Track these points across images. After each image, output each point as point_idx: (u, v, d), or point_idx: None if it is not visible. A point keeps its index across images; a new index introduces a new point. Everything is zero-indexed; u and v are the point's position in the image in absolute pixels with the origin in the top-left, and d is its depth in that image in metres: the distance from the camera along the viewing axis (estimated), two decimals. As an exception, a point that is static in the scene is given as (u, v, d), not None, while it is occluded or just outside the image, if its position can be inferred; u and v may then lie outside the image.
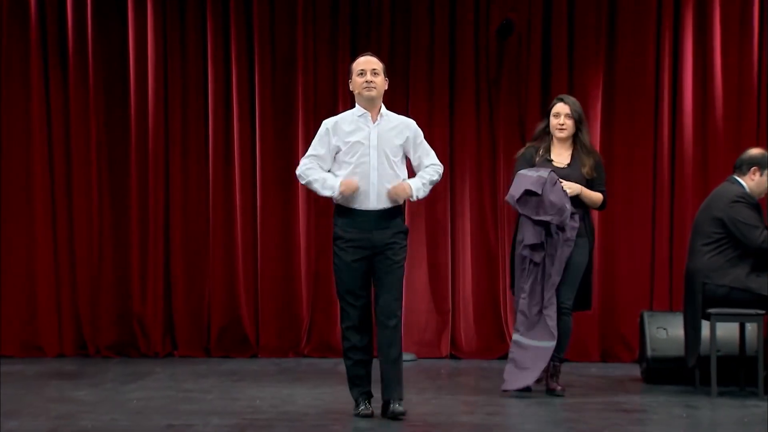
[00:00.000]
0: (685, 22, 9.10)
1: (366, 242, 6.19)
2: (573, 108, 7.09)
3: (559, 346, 6.98)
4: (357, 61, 6.34)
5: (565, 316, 6.98)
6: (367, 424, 6.05)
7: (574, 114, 7.07)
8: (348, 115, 6.33)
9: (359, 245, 6.19)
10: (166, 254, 9.38)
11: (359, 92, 6.28)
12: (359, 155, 6.21)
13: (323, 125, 6.31)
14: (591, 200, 7.08)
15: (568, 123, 7.08)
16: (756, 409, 6.69)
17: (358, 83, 6.27)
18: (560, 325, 6.94)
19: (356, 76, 6.28)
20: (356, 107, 6.33)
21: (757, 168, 7.25)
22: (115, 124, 9.40)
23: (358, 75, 6.27)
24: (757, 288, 7.07)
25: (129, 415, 6.35)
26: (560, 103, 7.13)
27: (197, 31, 9.38)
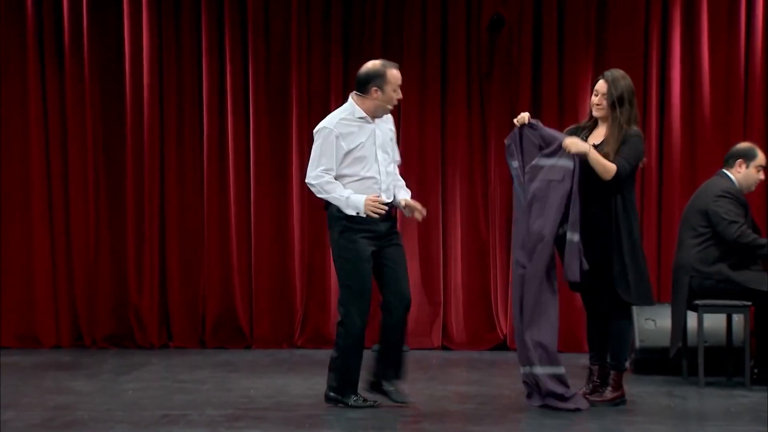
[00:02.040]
0: (673, 16, 9.15)
1: (374, 234, 6.26)
2: (612, 85, 6.43)
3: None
4: (396, 75, 6.29)
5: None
6: (360, 414, 6.11)
7: (612, 93, 6.40)
8: (347, 116, 6.29)
9: (370, 237, 6.26)
10: (161, 247, 9.44)
11: (385, 107, 6.29)
12: (366, 155, 6.27)
13: (328, 131, 6.23)
14: (598, 166, 6.31)
15: (604, 103, 6.46)
16: (743, 399, 6.76)
17: (391, 98, 6.29)
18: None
19: (392, 89, 6.26)
20: (354, 108, 6.29)
21: (742, 160, 7.32)
22: (110, 118, 9.44)
23: (395, 90, 6.28)
24: (743, 281, 7.14)
25: (125, 405, 6.40)
26: (601, 80, 6.48)
27: (192, 26, 9.42)
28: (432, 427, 5.83)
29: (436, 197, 9.45)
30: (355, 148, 6.24)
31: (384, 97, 6.28)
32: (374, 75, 6.28)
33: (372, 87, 6.27)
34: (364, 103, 6.29)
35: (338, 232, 6.26)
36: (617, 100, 6.41)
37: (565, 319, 9.14)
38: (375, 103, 6.28)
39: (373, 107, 6.29)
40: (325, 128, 6.25)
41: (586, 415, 6.19)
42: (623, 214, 6.38)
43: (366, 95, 6.29)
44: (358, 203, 6.19)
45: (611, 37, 9.24)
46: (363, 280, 6.25)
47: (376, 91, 6.26)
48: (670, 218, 9.02)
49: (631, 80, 6.51)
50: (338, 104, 9.30)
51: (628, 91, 6.44)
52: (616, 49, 9.20)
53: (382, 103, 6.29)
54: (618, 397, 6.50)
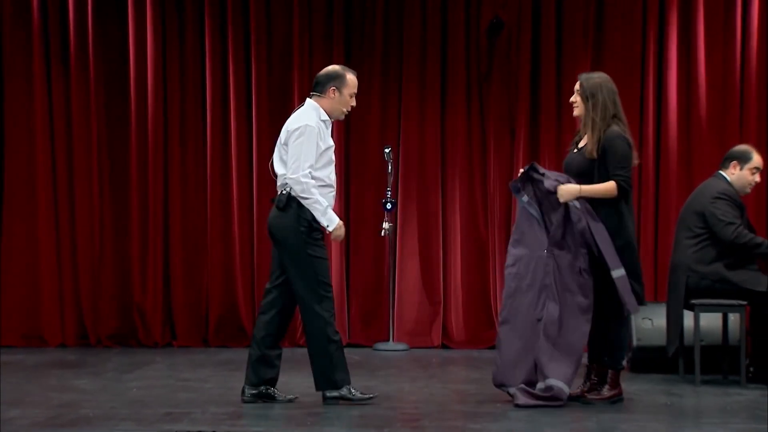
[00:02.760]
0: (670, 20, 9.20)
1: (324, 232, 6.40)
2: (584, 83, 6.51)
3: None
4: (354, 80, 6.38)
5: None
6: (361, 412, 6.15)
7: (584, 90, 6.49)
8: (315, 116, 6.32)
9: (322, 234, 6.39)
10: (165, 247, 9.50)
11: (341, 109, 6.37)
12: (332, 159, 6.37)
13: (311, 129, 6.25)
14: (598, 194, 6.39)
15: (576, 100, 6.54)
16: (738, 398, 6.80)
17: (347, 102, 6.37)
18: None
19: (348, 93, 6.36)
20: (319, 110, 6.33)
21: (736, 162, 7.36)
22: (115, 120, 9.50)
23: (351, 95, 6.37)
24: (739, 281, 7.18)
25: (129, 403, 6.43)
26: (577, 82, 6.57)
27: (195, 28, 9.48)
28: (432, 425, 5.87)
29: (436, 197, 9.51)
30: (326, 150, 6.32)
31: (340, 99, 6.36)
32: (334, 76, 6.38)
33: (330, 87, 6.36)
34: (323, 104, 6.36)
35: (308, 234, 6.29)
36: (588, 96, 6.46)
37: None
38: (332, 104, 6.36)
39: (329, 109, 6.37)
40: (309, 126, 6.25)
41: (584, 412, 6.24)
42: (613, 218, 6.43)
43: (323, 95, 6.37)
44: (333, 219, 6.29)
45: (609, 40, 9.29)
46: (328, 272, 6.38)
47: (334, 91, 6.35)
48: (666, 219, 9.07)
49: (611, 83, 6.53)
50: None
51: (603, 91, 6.47)
52: (614, 51, 9.25)
53: (338, 106, 6.37)
54: (616, 395, 6.56)
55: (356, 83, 6.42)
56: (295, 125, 6.30)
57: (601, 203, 6.40)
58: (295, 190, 6.24)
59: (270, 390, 6.48)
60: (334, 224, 6.29)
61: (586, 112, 6.49)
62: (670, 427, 5.97)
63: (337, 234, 6.35)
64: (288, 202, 6.26)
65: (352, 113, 9.29)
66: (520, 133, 9.34)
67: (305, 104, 6.43)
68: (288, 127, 6.36)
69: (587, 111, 6.48)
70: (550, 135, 9.27)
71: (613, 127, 6.47)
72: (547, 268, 6.38)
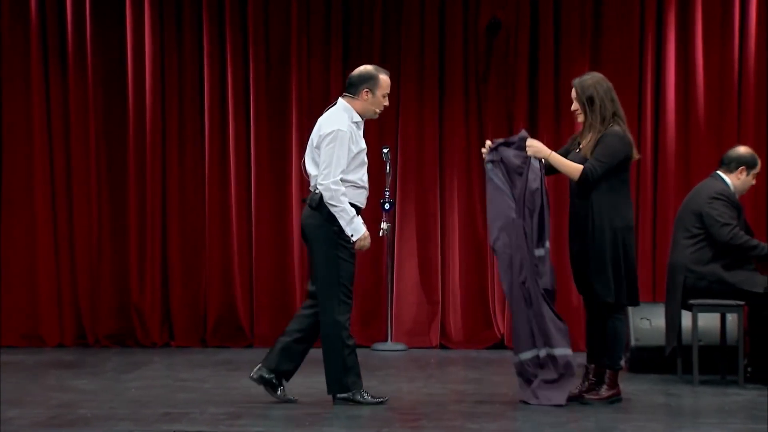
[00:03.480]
0: (668, 20, 9.22)
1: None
2: (579, 90, 6.52)
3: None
4: (387, 81, 6.38)
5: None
6: (360, 412, 6.16)
7: (581, 96, 6.50)
8: (346, 118, 6.33)
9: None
10: (163, 247, 9.52)
11: (374, 110, 6.37)
12: (365, 161, 6.39)
13: (344, 134, 6.24)
14: (563, 168, 6.47)
15: (577, 107, 6.57)
16: (736, 398, 6.81)
17: (379, 102, 6.37)
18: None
19: (381, 94, 6.35)
20: (351, 112, 6.34)
21: (744, 168, 7.35)
22: (113, 121, 9.52)
23: (384, 96, 6.37)
24: (737, 282, 7.19)
25: (127, 403, 6.44)
26: (573, 88, 6.58)
27: (193, 29, 9.50)
28: (430, 424, 5.89)
29: (434, 198, 9.52)
30: (359, 153, 6.33)
31: (373, 100, 6.35)
32: (367, 77, 6.36)
33: (363, 88, 6.34)
34: (355, 106, 6.36)
35: (337, 233, 6.28)
36: (586, 101, 6.49)
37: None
38: (364, 106, 6.36)
39: (362, 110, 6.37)
40: (341, 130, 6.25)
41: (582, 412, 6.25)
42: (605, 213, 6.43)
43: (356, 97, 6.36)
44: (359, 229, 6.27)
45: (607, 40, 9.31)
46: (353, 276, 6.37)
47: (367, 93, 6.34)
48: (664, 219, 9.09)
49: (605, 81, 6.53)
50: (338, 107, 9.44)
51: (599, 91, 6.49)
52: (612, 52, 9.27)
53: (371, 107, 6.36)
54: (614, 395, 6.57)
55: (389, 83, 6.42)
56: (327, 129, 6.28)
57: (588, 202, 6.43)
58: (324, 197, 6.24)
59: (277, 381, 6.47)
60: (359, 234, 6.28)
61: (586, 117, 6.51)
62: (668, 427, 5.99)
63: (362, 244, 6.33)
64: (321, 201, 6.27)
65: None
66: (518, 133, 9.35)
67: (337, 104, 6.41)
68: (320, 130, 6.34)
69: (587, 116, 6.50)
70: (548, 135, 9.27)
71: (614, 127, 6.48)
72: (518, 230, 6.39)
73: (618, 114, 6.53)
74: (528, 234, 6.38)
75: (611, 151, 6.41)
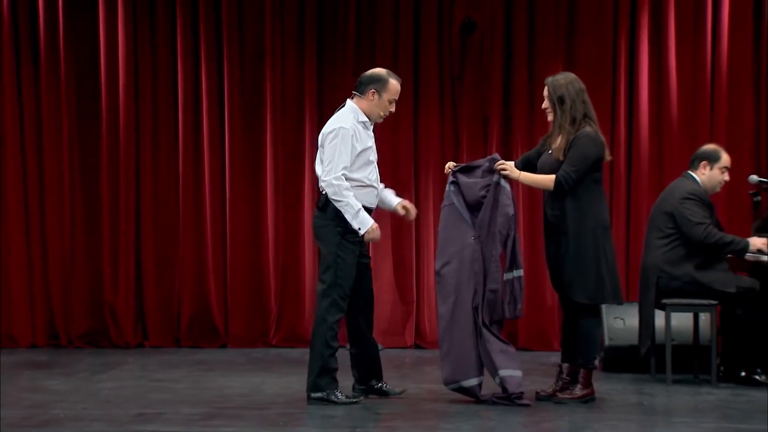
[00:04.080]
0: (641, 22, 9.25)
1: (361, 237, 6.45)
2: (551, 89, 6.55)
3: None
4: (396, 86, 6.44)
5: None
6: (334, 412, 6.17)
7: (552, 96, 6.54)
8: (351, 118, 6.40)
9: (360, 239, 6.44)
10: (137, 246, 9.48)
11: (378, 113, 6.43)
12: (372, 160, 6.44)
13: (346, 131, 6.31)
14: (535, 184, 6.57)
15: (548, 105, 6.59)
16: (709, 397, 6.86)
17: (385, 106, 6.44)
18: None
19: (388, 98, 6.41)
20: (357, 112, 6.41)
21: (706, 162, 7.40)
22: (86, 118, 9.48)
23: (390, 101, 6.44)
24: (709, 282, 7.22)
25: (100, 404, 6.44)
26: (545, 87, 6.61)
27: (167, 27, 9.47)
28: (405, 424, 5.90)
29: (409, 197, 9.47)
30: (363, 151, 6.39)
31: (379, 102, 6.41)
32: (376, 78, 6.44)
33: (371, 89, 6.42)
34: (361, 105, 6.42)
35: (340, 233, 6.36)
36: (557, 101, 6.51)
37: (535, 319, 9.30)
38: (369, 106, 6.42)
39: (368, 110, 6.43)
40: (342, 128, 6.32)
41: (557, 412, 6.27)
42: (576, 212, 6.46)
43: (363, 96, 6.43)
44: (366, 222, 6.32)
45: (581, 41, 9.34)
46: (352, 281, 6.41)
47: (373, 93, 6.41)
48: (638, 219, 9.12)
49: (577, 82, 6.56)
50: (312, 105, 9.45)
51: (571, 92, 6.50)
52: (586, 53, 9.30)
53: (376, 108, 6.42)
54: (587, 394, 6.59)
55: (398, 90, 6.49)
56: (329, 128, 6.37)
57: (561, 203, 6.46)
58: (328, 193, 6.30)
59: (377, 384, 6.65)
60: (366, 227, 6.33)
61: (555, 117, 6.53)
62: (641, 426, 6.01)
63: (371, 237, 6.38)
64: (327, 202, 6.37)
65: (323, 112, 9.44)
66: (493, 134, 9.38)
67: (345, 105, 6.50)
68: (324, 129, 6.43)
69: (556, 115, 6.52)
70: (523, 135, 9.30)
71: (586, 129, 6.50)
72: (475, 254, 6.42)
73: (589, 115, 6.55)
74: (490, 258, 6.41)
75: (583, 153, 6.43)
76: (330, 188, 6.28)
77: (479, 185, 6.51)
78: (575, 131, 6.46)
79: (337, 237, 6.35)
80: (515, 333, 9.28)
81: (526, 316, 9.24)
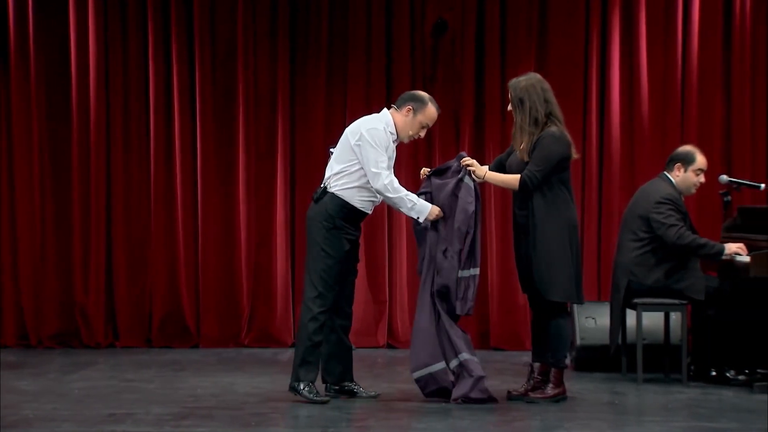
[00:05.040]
0: (612, 23, 9.27)
1: (352, 239, 6.61)
2: (511, 91, 6.65)
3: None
4: (432, 113, 6.60)
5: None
6: (306, 412, 6.18)
7: (512, 96, 6.64)
8: (383, 125, 6.54)
9: (352, 239, 6.59)
10: (108, 246, 9.42)
11: (408, 132, 6.56)
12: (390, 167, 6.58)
13: (382, 133, 6.49)
14: (501, 183, 6.70)
15: (510, 108, 6.70)
16: (680, 395, 6.92)
17: (416, 127, 6.57)
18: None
19: (420, 120, 6.54)
20: (389, 122, 6.55)
21: (680, 164, 7.44)
22: (57, 119, 9.40)
23: (423, 126, 6.57)
24: (680, 288, 7.26)
25: (71, 404, 6.42)
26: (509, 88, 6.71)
27: (138, 27, 9.40)
28: (377, 424, 5.91)
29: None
30: (391, 157, 6.56)
31: (412, 121, 6.54)
32: (417, 98, 6.60)
33: (408, 105, 6.55)
34: (395, 118, 6.56)
35: (327, 228, 6.48)
36: (518, 103, 6.59)
37: (506, 318, 9.32)
38: (403, 122, 6.55)
39: (400, 125, 6.56)
40: (376, 129, 6.49)
41: (528, 411, 6.30)
42: (543, 212, 6.51)
43: (399, 110, 6.57)
44: (423, 209, 6.49)
45: (552, 41, 9.36)
46: (338, 276, 6.51)
47: (409, 110, 6.54)
48: (610, 219, 9.15)
49: (541, 83, 6.61)
50: (285, 105, 9.45)
51: (531, 93, 6.56)
52: (558, 53, 9.32)
53: (407, 127, 6.54)
54: (559, 393, 6.62)
55: (434, 117, 6.62)
56: (361, 127, 6.54)
57: (527, 201, 6.53)
58: (384, 197, 6.52)
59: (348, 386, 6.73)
60: (426, 214, 6.49)
61: (516, 119, 6.61)
62: (613, 425, 6.05)
63: (434, 218, 6.50)
64: (321, 195, 6.56)
65: (296, 112, 9.43)
66: (465, 133, 9.39)
67: (381, 112, 6.64)
68: (354, 127, 6.59)
69: (517, 117, 6.60)
70: (495, 135, 9.32)
71: (551, 128, 6.55)
72: (436, 246, 6.51)
73: (554, 114, 6.60)
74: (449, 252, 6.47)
75: (548, 153, 6.48)
76: (384, 193, 6.46)
77: (449, 185, 6.55)
78: (539, 131, 6.52)
79: (323, 231, 6.48)
80: (487, 333, 9.30)
81: (498, 315, 9.29)
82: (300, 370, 6.46)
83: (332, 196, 6.54)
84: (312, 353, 6.46)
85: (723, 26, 9.29)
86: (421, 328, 6.53)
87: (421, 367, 6.48)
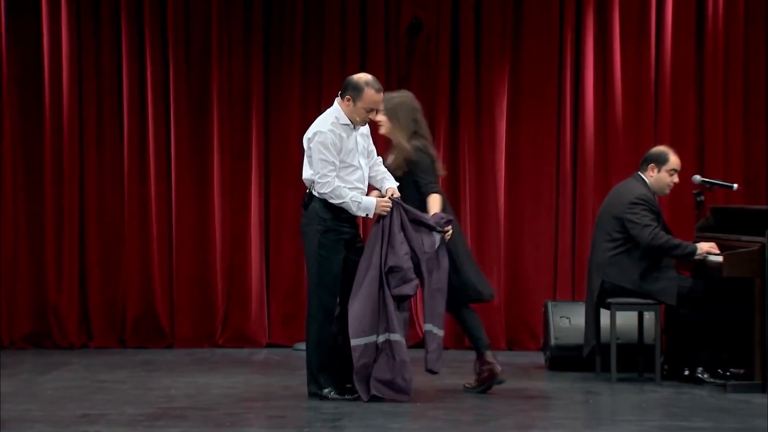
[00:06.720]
0: (586, 25, 9.30)
1: (351, 237, 6.61)
2: (386, 106, 6.78)
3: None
4: (370, 96, 6.50)
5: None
6: (279, 413, 6.18)
7: (387, 112, 6.81)
8: (333, 120, 6.51)
9: (348, 239, 6.59)
10: (81, 246, 9.38)
11: (355, 118, 6.51)
12: (353, 163, 6.54)
13: (323, 134, 6.45)
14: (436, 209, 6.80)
15: (381, 118, 6.82)
16: (653, 395, 6.96)
17: (361, 114, 6.51)
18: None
19: (363, 107, 6.48)
20: (340, 114, 6.52)
21: (654, 165, 7.48)
22: (29, 119, 9.34)
23: (367, 110, 6.51)
24: (653, 292, 7.31)
25: (44, 404, 6.40)
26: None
27: (112, 27, 9.36)
28: (351, 424, 5.91)
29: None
30: (347, 150, 6.50)
31: (354, 109, 6.51)
32: (354, 86, 6.54)
33: (347, 95, 6.52)
34: (342, 107, 6.55)
35: (321, 231, 6.50)
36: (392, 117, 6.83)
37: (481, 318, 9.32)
38: (348, 111, 6.52)
39: (347, 114, 6.53)
40: (320, 132, 6.47)
41: (502, 410, 6.32)
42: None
43: (342, 100, 6.55)
44: (369, 206, 6.47)
45: (527, 43, 9.37)
46: (336, 276, 6.54)
47: (349, 100, 6.51)
48: (584, 220, 9.18)
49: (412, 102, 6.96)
50: (259, 106, 9.43)
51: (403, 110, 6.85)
52: (532, 54, 9.35)
53: (352, 114, 6.51)
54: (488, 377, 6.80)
55: (375, 100, 6.55)
56: (309, 133, 6.56)
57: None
58: (328, 199, 6.47)
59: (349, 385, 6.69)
60: (372, 209, 6.48)
61: (391, 133, 6.82)
62: (587, 424, 6.08)
63: (381, 212, 6.48)
64: (308, 200, 6.57)
65: (270, 113, 9.41)
66: (440, 134, 9.39)
67: (333, 105, 6.64)
68: (306, 133, 6.61)
69: (392, 132, 6.81)
70: (470, 136, 9.34)
71: (413, 142, 6.79)
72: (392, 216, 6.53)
73: (420, 132, 6.88)
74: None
75: (427, 167, 6.81)
76: (326, 195, 6.45)
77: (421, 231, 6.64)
78: (408, 147, 6.76)
79: (317, 235, 6.50)
80: (461, 334, 9.30)
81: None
82: (320, 376, 6.55)
83: (318, 198, 6.54)
84: (326, 358, 6.56)
85: (696, 27, 9.35)
86: (365, 295, 6.50)
87: (360, 335, 6.48)
